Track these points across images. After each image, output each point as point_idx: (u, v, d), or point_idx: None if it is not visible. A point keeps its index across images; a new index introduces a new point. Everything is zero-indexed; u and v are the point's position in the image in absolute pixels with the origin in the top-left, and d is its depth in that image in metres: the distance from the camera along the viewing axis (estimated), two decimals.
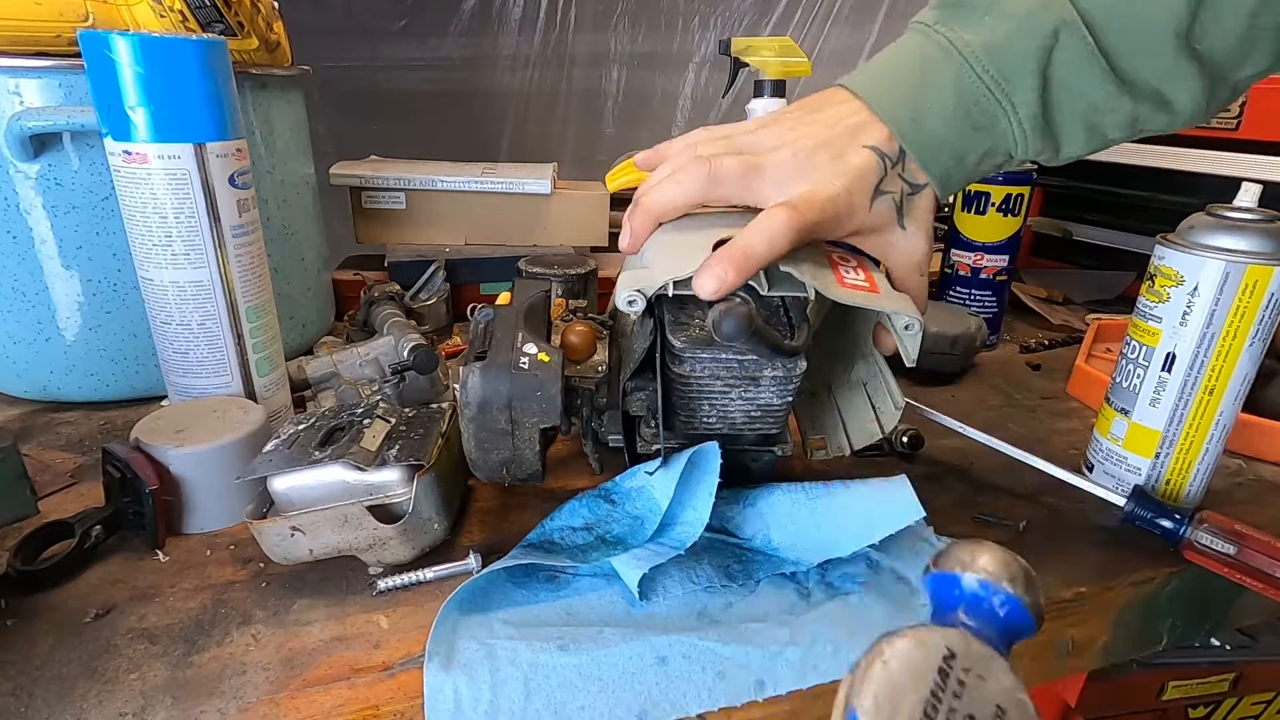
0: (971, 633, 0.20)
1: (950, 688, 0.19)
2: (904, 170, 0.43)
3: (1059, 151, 0.45)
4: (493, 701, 0.36)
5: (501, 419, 0.42)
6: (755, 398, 0.44)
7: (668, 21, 1.66)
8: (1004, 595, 0.20)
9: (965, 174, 0.44)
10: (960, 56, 0.42)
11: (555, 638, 0.38)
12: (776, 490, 0.46)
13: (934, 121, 0.42)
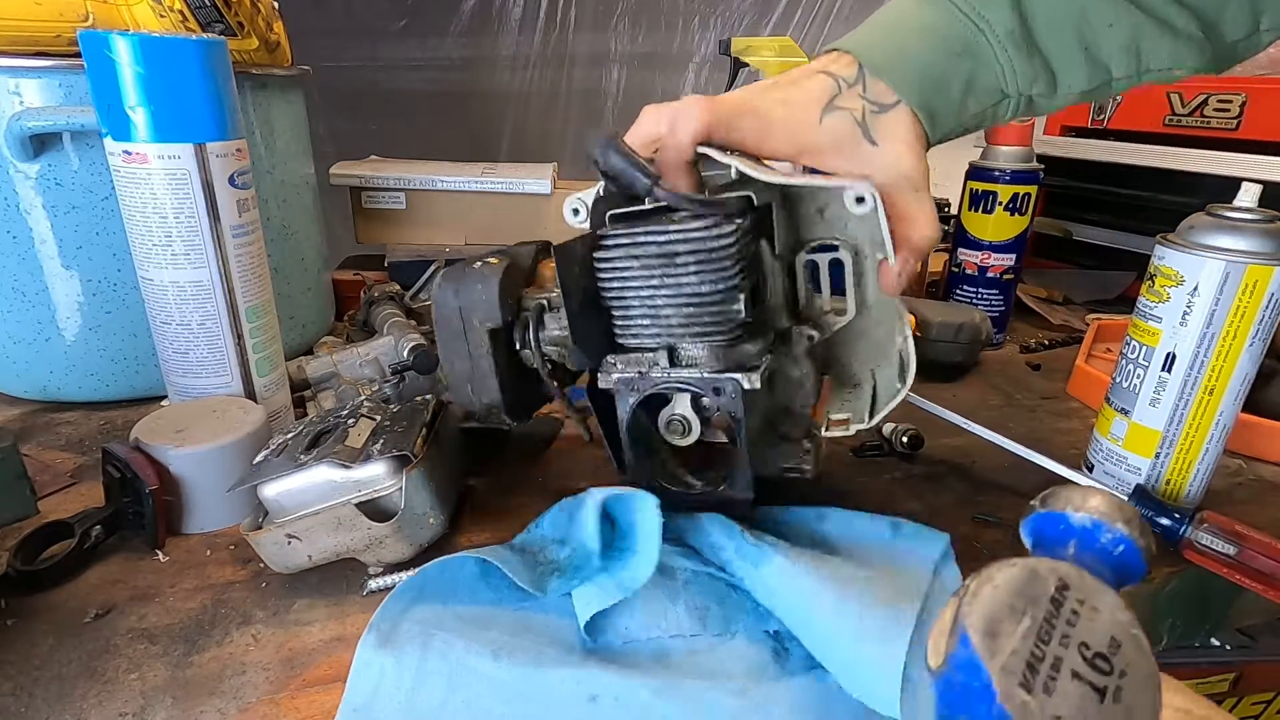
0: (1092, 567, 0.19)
1: (1064, 616, 0.18)
2: (865, 91, 0.42)
3: (1057, 82, 0.42)
4: (412, 690, 0.35)
5: (453, 318, 0.46)
6: (680, 285, 0.40)
7: (668, 21, 1.66)
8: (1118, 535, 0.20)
9: (953, 106, 0.42)
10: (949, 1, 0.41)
11: (494, 643, 0.38)
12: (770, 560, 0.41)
13: (903, 43, 0.42)
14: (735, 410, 0.41)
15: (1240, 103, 0.87)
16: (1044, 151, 1.01)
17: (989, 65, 0.42)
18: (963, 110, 0.43)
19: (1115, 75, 0.43)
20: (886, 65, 0.42)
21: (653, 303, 0.41)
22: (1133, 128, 0.98)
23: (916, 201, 0.43)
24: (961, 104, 0.42)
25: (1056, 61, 0.42)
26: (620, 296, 0.42)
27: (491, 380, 0.45)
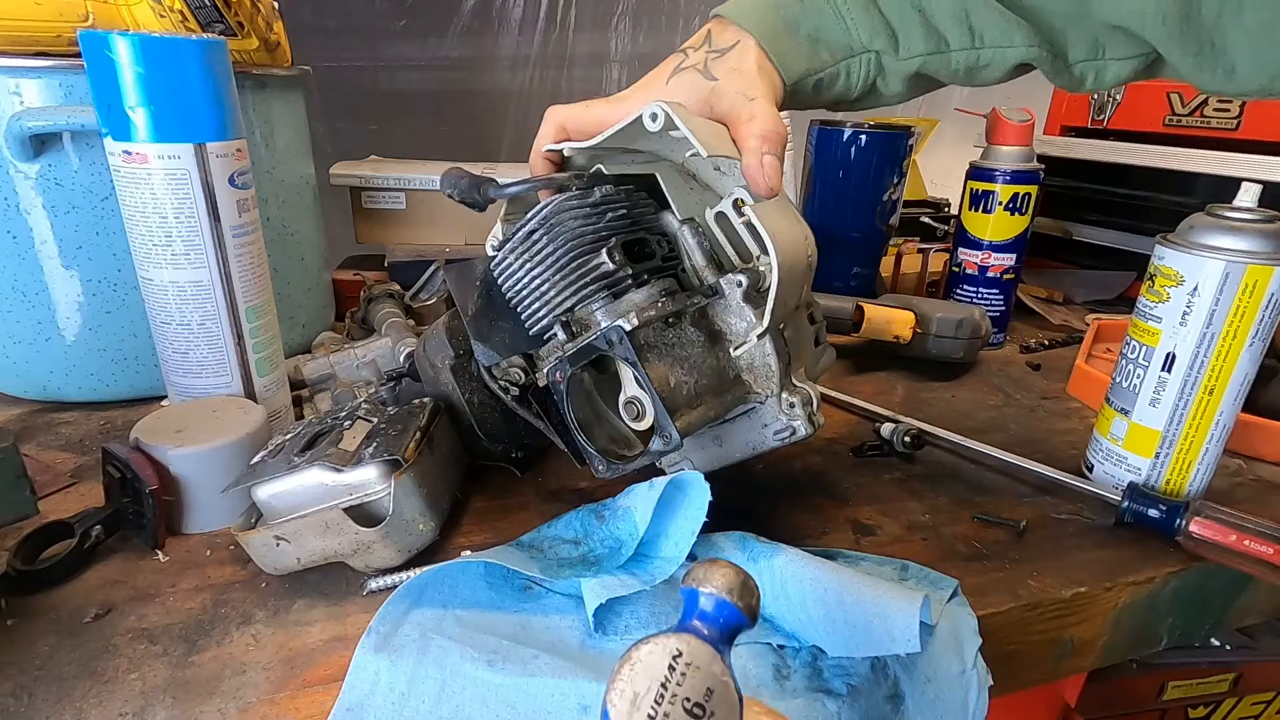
0: (699, 633, 0.26)
1: (675, 679, 0.25)
2: (711, 43, 0.46)
3: (898, 41, 0.46)
4: (404, 695, 0.35)
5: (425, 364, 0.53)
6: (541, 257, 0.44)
7: (668, 21, 1.66)
8: (723, 602, 0.27)
9: (802, 51, 0.46)
10: None
11: (490, 650, 0.38)
12: (779, 553, 0.42)
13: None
14: (628, 355, 0.41)
15: (1240, 103, 0.87)
16: (1044, 151, 1.01)
17: (832, 17, 0.46)
18: (814, 57, 0.46)
19: (953, 45, 0.47)
20: (735, 12, 0.46)
21: (531, 284, 0.45)
22: (1133, 128, 0.98)
23: (752, 105, 0.44)
24: (812, 51, 0.46)
25: (894, 18, 0.46)
26: (513, 291, 0.46)
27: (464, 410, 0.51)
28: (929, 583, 0.44)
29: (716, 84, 0.45)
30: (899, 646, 0.37)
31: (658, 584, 0.41)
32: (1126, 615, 0.47)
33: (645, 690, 0.25)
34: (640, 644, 0.26)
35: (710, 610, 0.27)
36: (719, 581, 0.27)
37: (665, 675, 0.25)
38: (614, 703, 0.25)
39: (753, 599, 0.28)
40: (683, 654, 0.26)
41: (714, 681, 0.25)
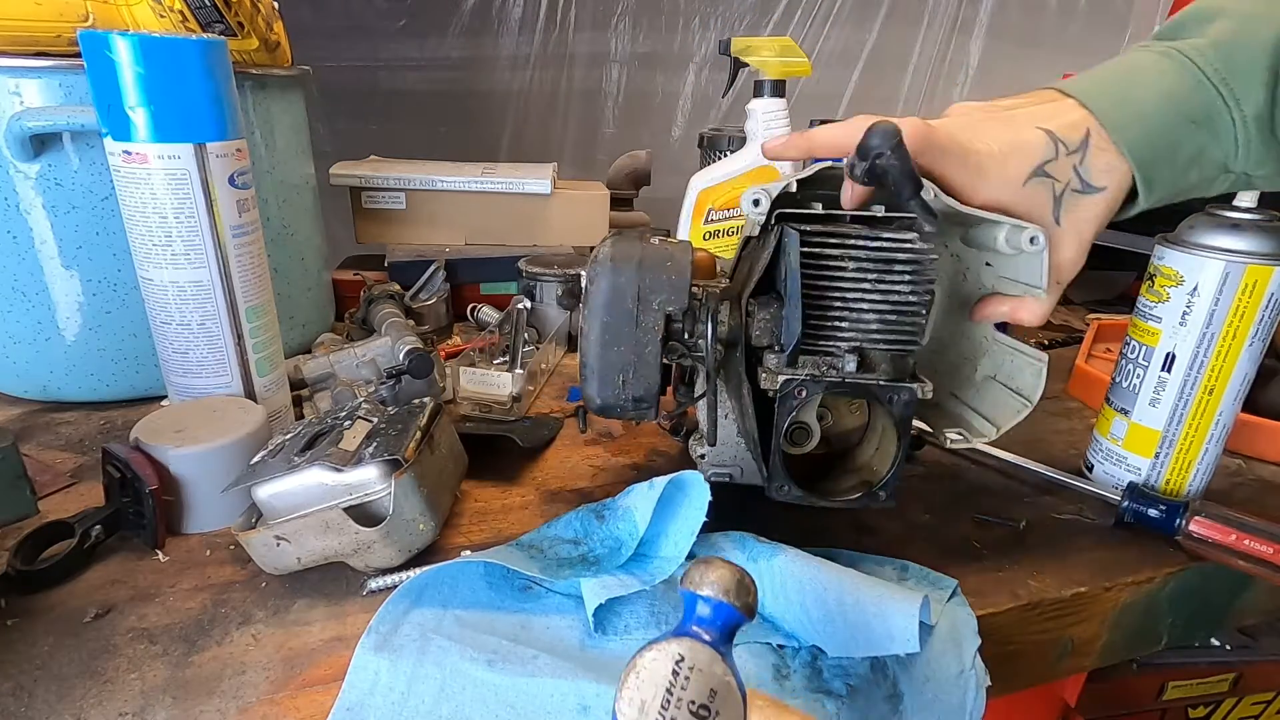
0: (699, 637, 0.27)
1: (679, 683, 0.26)
2: (1082, 164, 0.41)
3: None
4: (404, 694, 0.36)
5: (628, 298, 0.41)
6: (890, 290, 0.40)
7: (668, 21, 1.66)
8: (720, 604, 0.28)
9: (1174, 173, 0.41)
10: (1181, 55, 0.41)
11: (490, 650, 0.38)
12: (779, 553, 0.42)
13: (1143, 106, 0.41)
14: (907, 416, 0.41)
15: None
16: None
17: (1224, 142, 0.41)
18: (1182, 178, 0.42)
19: None
20: (1119, 124, 0.41)
21: (857, 305, 0.41)
22: None
23: (1044, 294, 0.44)
24: (1184, 173, 0.42)
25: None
26: (823, 295, 0.41)
27: (655, 370, 0.42)
28: (929, 583, 0.44)
29: (1056, 230, 0.42)
30: (898, 647, 0.37)
31: (657, 584, 0.41)
32: (1126, 615, 0.47)
33: (651, 697, 0.26)
34: (644, 651, 0.27)
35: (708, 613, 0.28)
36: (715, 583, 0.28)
37: (670, 681, 0.26)
38: (623, 711, 0.26)
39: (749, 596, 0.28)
40: (685, 659, 0.27)
41: (717, 682, 0.26)
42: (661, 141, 1.70)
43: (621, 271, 0.42)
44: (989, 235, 0.44)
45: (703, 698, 0.26)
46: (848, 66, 1.80)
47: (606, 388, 0.43)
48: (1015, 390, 0.48)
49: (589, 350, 0.43)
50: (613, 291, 0.42)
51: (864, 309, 0.41)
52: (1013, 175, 0.41)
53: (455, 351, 0.77)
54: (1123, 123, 0.41)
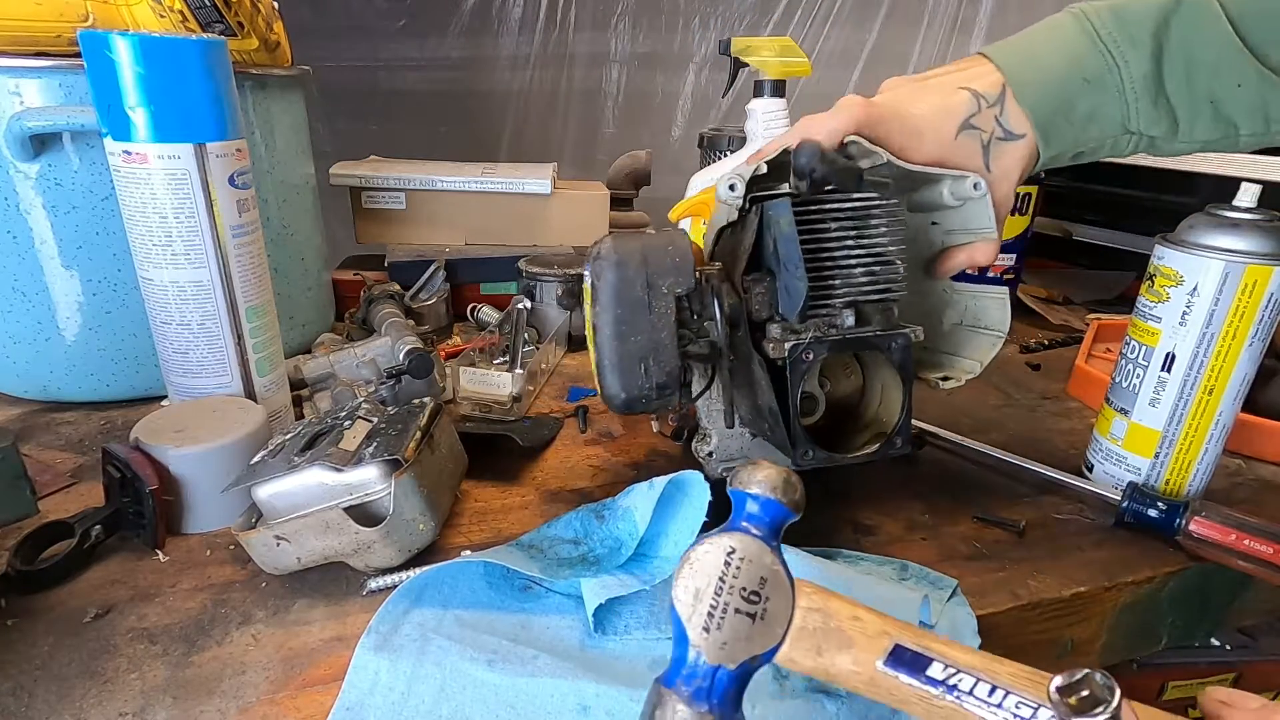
0: (748, 531, 0.29)
1: (731, 572, 0.28)
2: (1002, 114, 0.46)
3: (1178, 128, 0.45)
4: (404, 694, 0.36)
5: (637, 285, 0.42)
6: (871, 244, 0.45)
7: (668, 21, 1.66)
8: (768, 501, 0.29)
9: (1071, 131, 0.46)
10: (1083, 15, 0.45)
11: (490, 650, 0.38)
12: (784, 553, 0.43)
13: (1044, 64, 0.45)
14: (906, 364, 0.46)
15: None
16: None
17: (1114, 99, 0.45)
18: (1082, 134, 0.46)
19: (1242, 132, 0.45)
20: (1023, 79, 0.46)
21: (845, 261, 0.45)
22: None
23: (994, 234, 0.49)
24: (1082, 128, 0.46)
25: (1182, 111, 0.45)
26: (814, 258, 0.44)
27: (673, 351, 0.43)
28: (929, 583, 0.44)
29: (988, 175, 0.47)
30: None
31: (657, 583, 0.41)
32: (1126, 615, 0.47)
33: (705, 584, 0.28)
34: (696, 546, 0.29)
35: (757, 510, 0.29)
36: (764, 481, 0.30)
37: (722, 570, 0.28)
38: (679, 597, 0.28)
39: (796, 494, 0.30)
40: (736, 550, 0.28)
41: (766, 571, 0.28)
42: (661, 141, 1.70)
43: (627, 263, 0.42)
44: (934, 192, 0.49)
45: (754, 584, 0.28)
46: (848, 66, 1.80)
47: (629, 379, 0.43)
48: (985, 328, 0.53)
49: (605, 345, 0.43)
50: (621, 283, 0.42)
51: (852, 264, 0.45)
52: (945, 132, 0.46)
53: (455, 351, 0.77)
54: (1025, 80, 0.46)
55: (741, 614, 0.28)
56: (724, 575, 0.28)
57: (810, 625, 0.28)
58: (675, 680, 0.28)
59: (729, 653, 0.27)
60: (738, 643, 0.28)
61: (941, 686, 0.27)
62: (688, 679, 0.27)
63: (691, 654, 0.28)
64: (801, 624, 0.28)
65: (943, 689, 0.27)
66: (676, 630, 0.28)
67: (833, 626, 0.29)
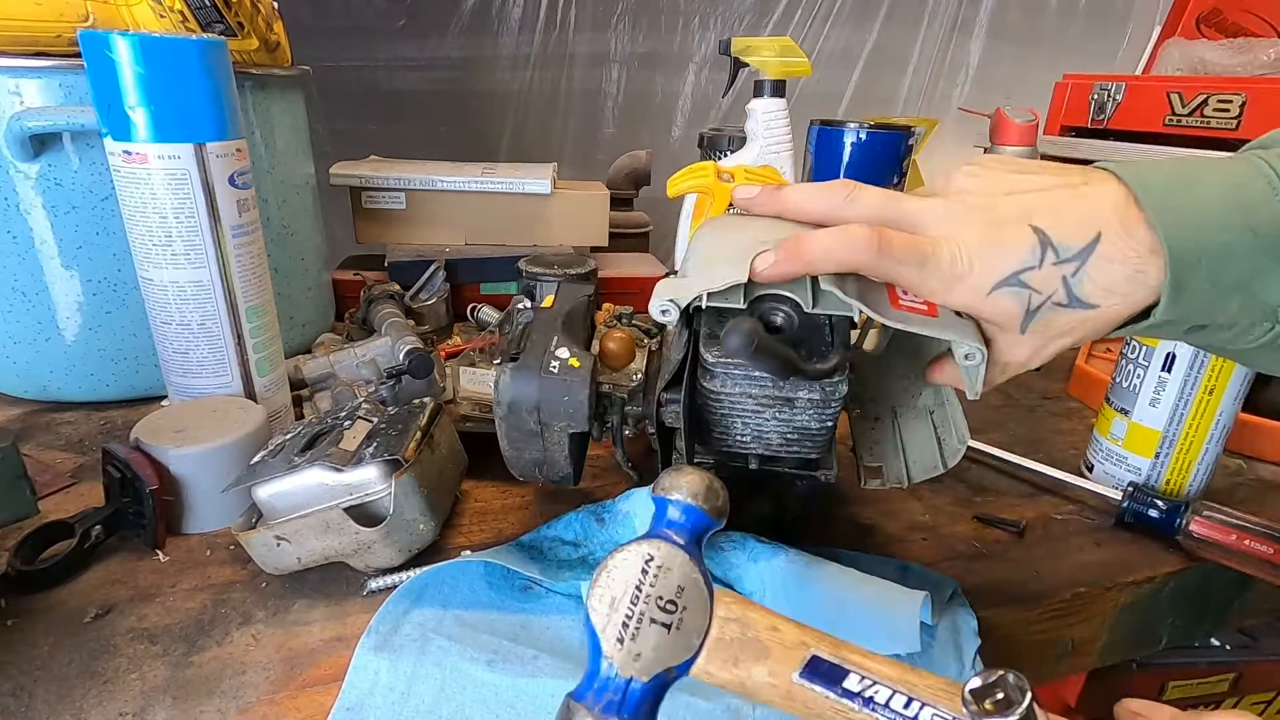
0: (669, 538, 0.28)
1: (649, 580, 0.27)
2: (1076, 275, 0.33)
3: None
4: (404, 694, 0.36)
5: (530, 420, 0.43)
6: (791, 420, 0.41)
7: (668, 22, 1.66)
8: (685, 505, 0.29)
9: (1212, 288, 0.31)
10: (1260, 159, 0.32)
11: (490, 650, 0.38)
12: (780, 553, 0.42)
13: (1201, 193, 0.32)
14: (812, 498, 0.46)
15: (1240, 103, 0.87)
16: (1045, 151, 1.01)
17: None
18: (1220, 302, 0.32)
19: None
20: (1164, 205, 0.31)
21: (760, 430, 0.42)
22: (1133, 128, 0.98)
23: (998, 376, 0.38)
24: (1224, 296, 0.32)
25: None
26: (725, 417, 0.42)
27: (567, 469, 0.45)
28: (929, 583, 0.44)
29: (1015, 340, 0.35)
30: (899, 646, 0.37)
31: None
32: (1126, 615, 0.47)
33: (621, 593, 0.27)
34: (615, 553, 0.28)
35: (678, 516, 0.29)
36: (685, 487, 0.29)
37: (639, 579, 0.27)
38: (594, 607, 0.27)
39: (718, 500, 0.30)
40: (654, 558, 0.28)
41: (685, 580, 0.28)
42: (661, 141, 1.70)
43: (520, 407, 0.43)
44: None
45: (670, 594, 0.27)
46: (848, 66, 1.80)
47: (524, 474, 0.46)
48: (940, 440, 0.47)
49: (504, 447, 0.45)
50: (514, 417, 0.43)
51: (766, 432, 0.42)
52: (981, 282, 0.34)
53: (455, 351, 0.76)
54: (1168, 203, 0.31)
55: (657, 624, 0.27)
56: (640, 584, 0.27)
57: (727, 636, 0.28)
58: (585, 694, 0.27)
59: (643, 665, 0.27)
60: (652, 654, 0.27)
61: (858, 699, 0.26)
62: (599, 692, 0.27)
63: (604, 666, 0.27)
64: (719, 634, 0.28)
65: (859, 701, 0.26)
66: (591, 642, 0.27)
67: (750, 637, 0.28)
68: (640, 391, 0.47)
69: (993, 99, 0.78)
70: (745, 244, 0.41)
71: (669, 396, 0.44)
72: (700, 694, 0.36)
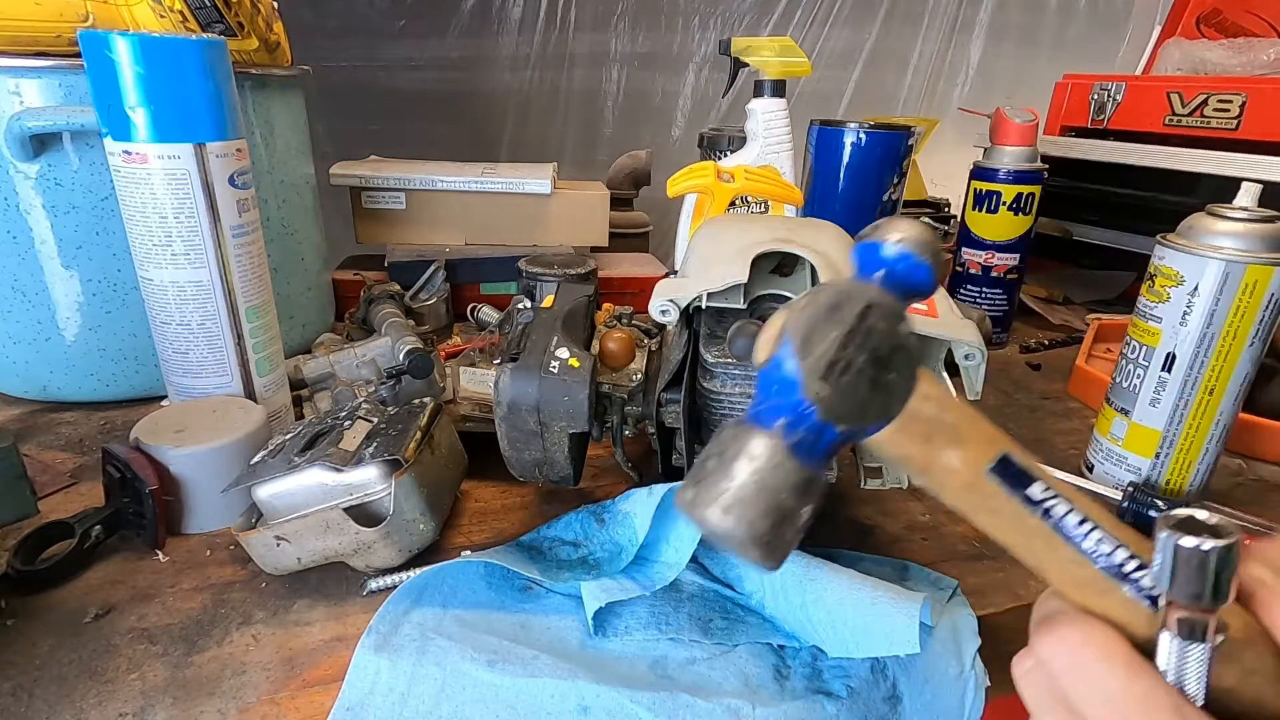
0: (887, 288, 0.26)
1: (863, 329, 0.24)
2: None
3: None
4: (404, 694, 0.35)
5: (530, 421, 0.43)
6: None
7: (668, 21, 1.66)
8: (912, 260, 0.26)
9: None
10: None
11: (490, 650, 0.38)
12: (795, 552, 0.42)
13: None
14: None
15: (1240, 103, 0.87)
16: (1045, 151, 1.00)
17: None
18: None
19: None
20: None
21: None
22: (1133, 128, 0.98)
23: None
24: None
25: None
26: (724, 418, 0.43)
27: (567, 469, 0.45)
28: (929, 583, 0.44)
29: None
30: (899, 647, 0.37)
31: (657, 589, 0.41)
32: None
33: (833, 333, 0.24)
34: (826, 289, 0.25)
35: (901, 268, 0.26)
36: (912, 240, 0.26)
37: (855, 324, 0.24)
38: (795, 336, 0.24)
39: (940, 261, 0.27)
40: (876, 307, 0.25)
41: (899, 338, 0.25)
42: (661, 141, 1.70)
43: (519, 399, 0.43)
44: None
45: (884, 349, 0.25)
46: (848, 66, 1.80)
47: (524, 474, 0.46)
48: None
49: (504, 447, 0.45)
50: (514, 417, 0.43)
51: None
52: None
53: (455, 351, 0.76)
54: None
55: (865, 376, 0.24)
56: (855, 330, 0.24)
57: (926, 412, 0.26)
58: (773, 423, 0.24)
59: (842, 413, 0.24)
60: (855, 405, 0.24)
61: (1038, 509, 0.25)
62: (790, 428, 0.24)
63: (802, 403, 0.24)
64: (917, 407, 0.26)
65: (1038, 510, 0.25)
66: (780, 375, 0.24)
67: (947, 420, 0.26)
68: (640, 391, 0.47)
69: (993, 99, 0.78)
70: (745, 244, 0.41)
71: (669, 396, 0.44)
72: (700, 694, 0.36)
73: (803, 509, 0.25)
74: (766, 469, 0.24)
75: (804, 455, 0.24)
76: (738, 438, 0.25)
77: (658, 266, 1.02)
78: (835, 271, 0.40)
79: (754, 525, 0.24)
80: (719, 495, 0.24)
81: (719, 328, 0.43)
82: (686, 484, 0.25)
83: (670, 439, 0.46)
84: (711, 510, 0.24)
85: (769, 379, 0.25)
